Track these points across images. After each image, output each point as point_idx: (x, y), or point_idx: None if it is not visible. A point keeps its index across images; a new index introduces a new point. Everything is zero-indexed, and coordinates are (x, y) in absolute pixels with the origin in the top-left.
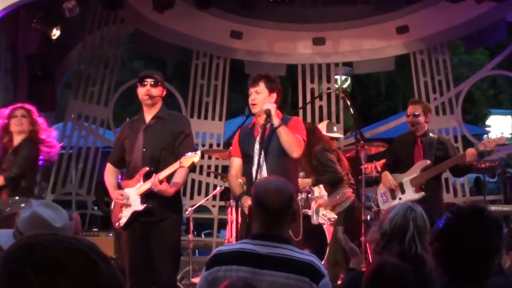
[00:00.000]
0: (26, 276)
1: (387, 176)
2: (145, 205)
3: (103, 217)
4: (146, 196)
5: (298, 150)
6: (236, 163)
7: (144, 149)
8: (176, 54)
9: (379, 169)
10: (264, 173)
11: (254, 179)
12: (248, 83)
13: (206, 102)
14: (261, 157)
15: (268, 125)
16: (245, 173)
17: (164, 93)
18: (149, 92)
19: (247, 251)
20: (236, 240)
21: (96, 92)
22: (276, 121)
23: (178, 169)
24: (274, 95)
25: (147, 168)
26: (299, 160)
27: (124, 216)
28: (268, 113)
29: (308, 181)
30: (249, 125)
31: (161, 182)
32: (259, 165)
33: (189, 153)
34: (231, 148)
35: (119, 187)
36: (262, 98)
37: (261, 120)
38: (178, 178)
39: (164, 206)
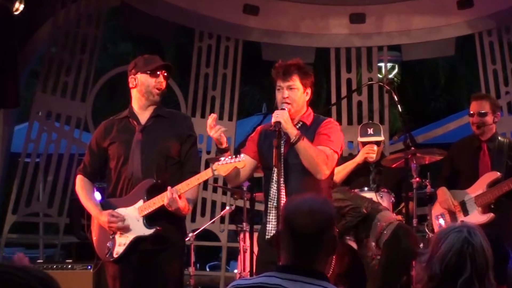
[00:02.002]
0: None
1: (445, 193)
2: (154, 228)
3: (80, 245)
4: (151, 218)
5: (325, 169)
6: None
7: (143, 156)
8: (173, 35)
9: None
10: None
11: (273, 200)
12: (274, 73)
13: (212, 96)
14: (281, 173)
15: (282, 142)
16: (264, 189)
17: None
18: (162, 86)
19: (272, 287)
20: (251, 275)
21: (70, 83)
22: (292, 134)
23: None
24: (309, 91)
25: (153, 181)
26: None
27: (120, 244)
28: (278, 128)
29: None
30: (270, 126)
31: (179, 197)
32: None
33: (226, 158)
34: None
35: (102, 207)
36: (298, 96)
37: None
38: (191, 193)
39: (169, 230)
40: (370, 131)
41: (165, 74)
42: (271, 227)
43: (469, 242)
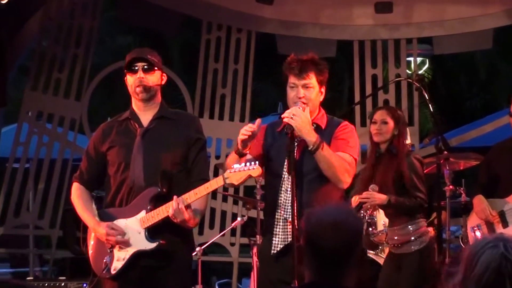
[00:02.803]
0: None
1: (482, 202)
2: (157, 242)
3: (74, 260)
4: (154, 230)
5: (347, 177)
6: None
7: (146, 162)
8: (178, 26)
9: None
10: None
11: (285, 211)
12: (286, 68)
13: (222, 94)
14: (290, 179)
15: (295, 146)
16: (267, 197)
17: (164, 80)
18: (142, 81)
19: None
20: None
21: (64, 80)
22: (311, 141)
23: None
24: (323, 91)
25: (157, 189)
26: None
27: (119, 259)
28: (290, 131)
29: (383, 198)
30: (278, 126)
31: (186, 208)
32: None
33: (239, 165)
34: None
35: (100, 217)
36: (314, 96)
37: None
38: (199, 204)
39: (174, 244)
40: None
41: (145, 66)
42: (278, 241)
43: (507, 259)
